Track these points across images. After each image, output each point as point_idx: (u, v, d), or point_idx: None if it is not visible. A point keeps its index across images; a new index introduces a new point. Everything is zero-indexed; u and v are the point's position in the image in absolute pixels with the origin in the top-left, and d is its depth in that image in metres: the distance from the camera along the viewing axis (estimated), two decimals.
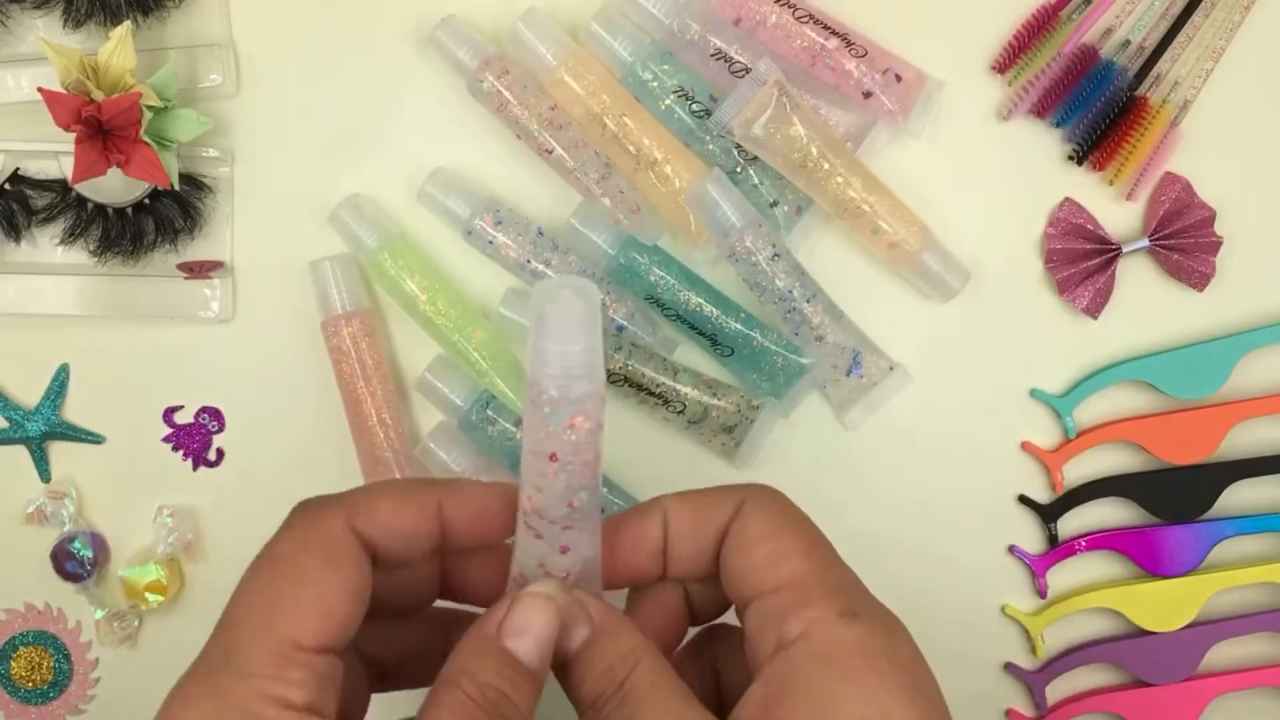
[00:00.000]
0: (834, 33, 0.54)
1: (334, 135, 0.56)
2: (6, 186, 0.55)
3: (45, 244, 0.56)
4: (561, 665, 0.34)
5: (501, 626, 0.33)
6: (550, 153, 0.54)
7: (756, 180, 0.56)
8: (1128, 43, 0.57)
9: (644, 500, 0.37)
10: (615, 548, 0.36)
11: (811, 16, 0.54)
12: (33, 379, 0.57)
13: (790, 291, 0.54)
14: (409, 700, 0.35)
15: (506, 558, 0.36)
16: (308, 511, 0.33)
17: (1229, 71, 0.57)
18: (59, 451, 0.58)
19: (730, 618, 0.38)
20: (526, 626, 0.33)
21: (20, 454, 0.58)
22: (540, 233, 0.55)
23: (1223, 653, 0.59)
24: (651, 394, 0.54)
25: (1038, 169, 0.57)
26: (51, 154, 0.55)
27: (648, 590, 0.38)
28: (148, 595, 0.57)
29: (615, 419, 0.57)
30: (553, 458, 0.31)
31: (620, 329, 0.55)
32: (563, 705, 0.35)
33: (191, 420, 0.58)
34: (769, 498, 0.35)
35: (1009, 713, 0.59)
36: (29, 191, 0.55)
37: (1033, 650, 0.58)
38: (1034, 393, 0.58)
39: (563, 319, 0.30)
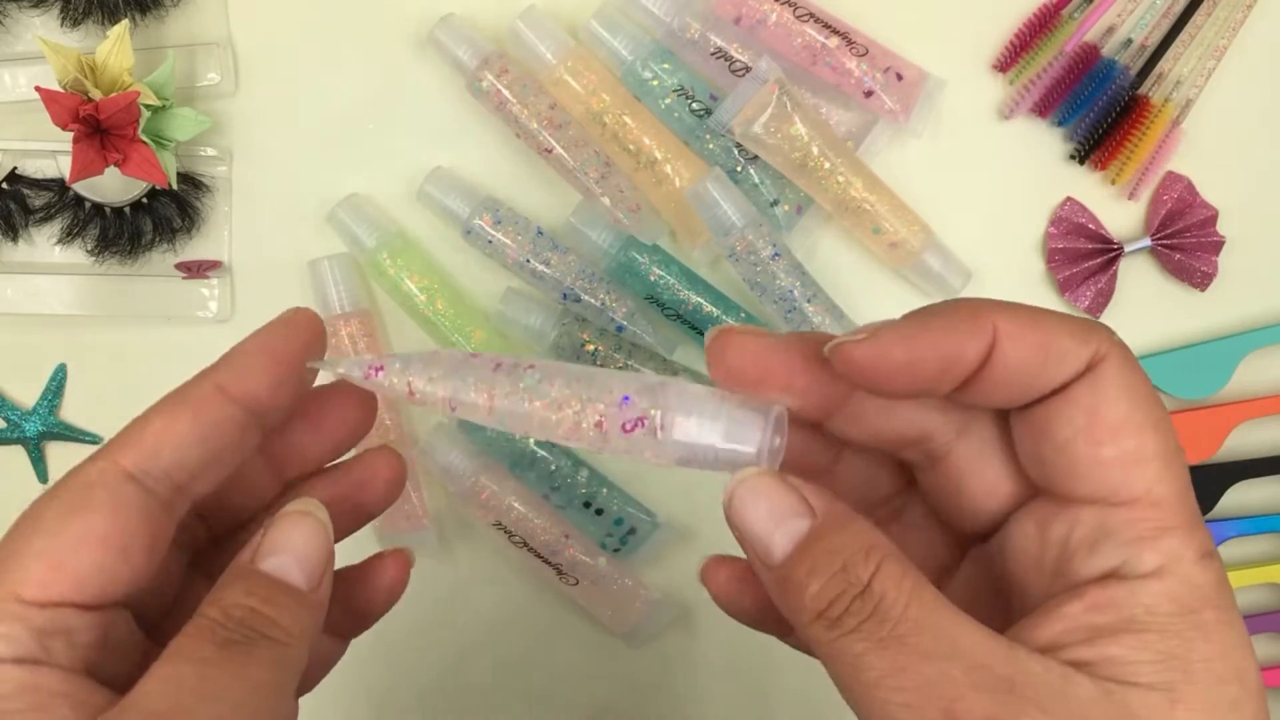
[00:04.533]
0: (835, 31, 0.54)
1: (333, 134, 0.56)
2: (4, 185, 0.55)
3: (43, 243, 0.56)
4: (774, 575, 0.28)
5: (257, 551, 0.29)
6: (550, 152, 0.53)
7: (757, 179, 0.55)
8: (1129, 41, 0.57)
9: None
10: (916, 349, 0.27)
11: (812, 15, 0.54)
12: (30, 379, 0.57)
13: (791, 291, 0.54)
14: None
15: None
16: (76, 466, 0.30)
17: (1231, 70, 0.57)
18: (56, 452, 0.58)
19: None
20: (282, 545, 0.29)
21: (18, 454, 0.57)
22: (540, 232, 0.55)
23: None
24: None
25: (1039, 168, 0.57)
26: (49, 153, 0.55)
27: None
28: None
29: None
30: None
31: (620, 329, 0.55)
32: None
33: None
34: (1129, 363, 0.27)
35: None
36: (26, 190, 0.55)
37: None
38: None
39: None
